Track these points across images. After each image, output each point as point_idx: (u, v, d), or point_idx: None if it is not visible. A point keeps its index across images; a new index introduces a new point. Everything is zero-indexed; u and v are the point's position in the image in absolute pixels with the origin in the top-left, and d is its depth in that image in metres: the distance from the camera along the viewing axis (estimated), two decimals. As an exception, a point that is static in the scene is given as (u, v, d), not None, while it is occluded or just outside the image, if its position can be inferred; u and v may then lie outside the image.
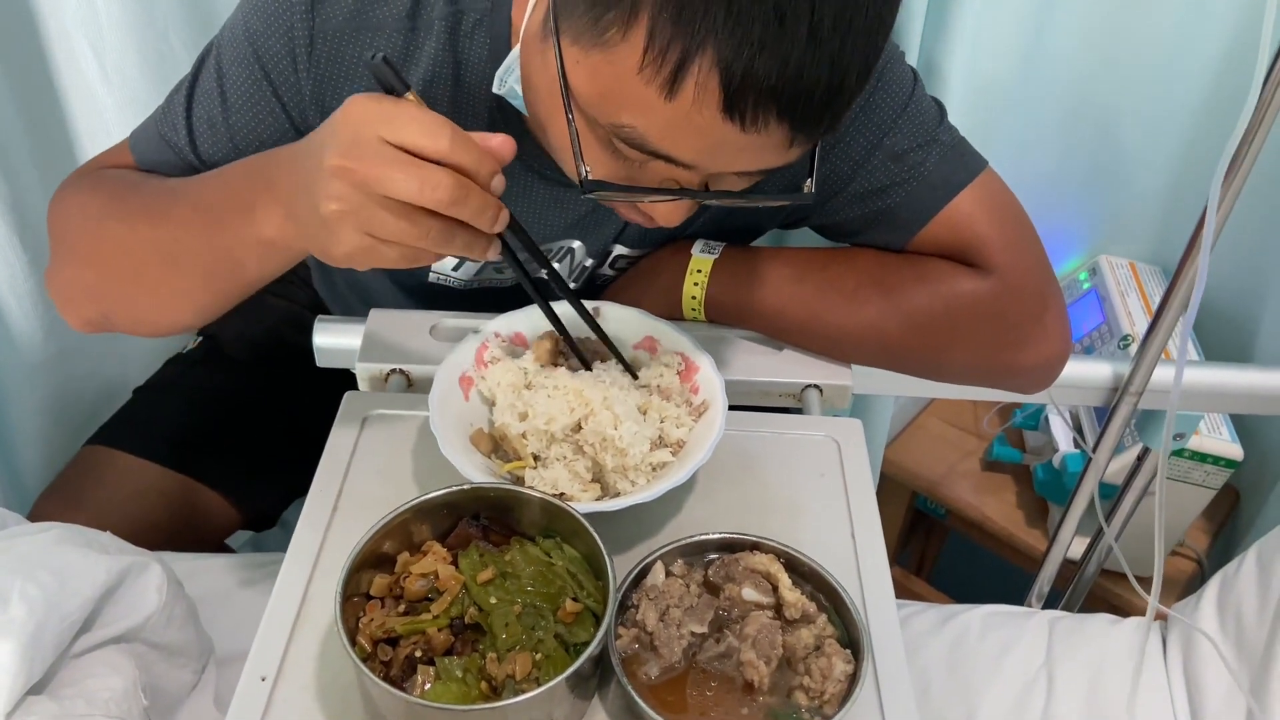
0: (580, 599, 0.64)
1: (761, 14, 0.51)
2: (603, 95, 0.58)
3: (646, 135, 0.58)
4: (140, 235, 0.75)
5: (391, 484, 0.75)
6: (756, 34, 0.51)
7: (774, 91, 0.53)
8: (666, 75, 0.54)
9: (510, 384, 0.76)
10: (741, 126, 0.55)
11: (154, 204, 0.76)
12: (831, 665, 0.63)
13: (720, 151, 0.59)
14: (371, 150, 0.56)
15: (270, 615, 0.67)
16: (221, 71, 0.77)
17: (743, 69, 0.52)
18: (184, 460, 1.08)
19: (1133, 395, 0.94)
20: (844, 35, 0.53)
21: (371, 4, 0.73)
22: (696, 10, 0.51)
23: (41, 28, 1.01)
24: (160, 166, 0.82)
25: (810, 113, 0.56)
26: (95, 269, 0.79)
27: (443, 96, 0.77)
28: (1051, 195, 1.33)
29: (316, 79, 0.75)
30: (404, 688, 0.59)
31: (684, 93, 0.54)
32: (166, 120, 0.80)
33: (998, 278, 0.81)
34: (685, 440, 0.75)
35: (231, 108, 0.77)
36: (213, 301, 0.76)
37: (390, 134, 0.56)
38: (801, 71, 0.53)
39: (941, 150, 0.80)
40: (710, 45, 0.52)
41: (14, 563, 0.75)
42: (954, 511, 1.45)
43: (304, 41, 0.73)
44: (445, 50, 0.75)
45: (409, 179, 0.56)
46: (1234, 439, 1.17)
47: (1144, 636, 1.01)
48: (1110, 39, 1.17)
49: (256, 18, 0.74)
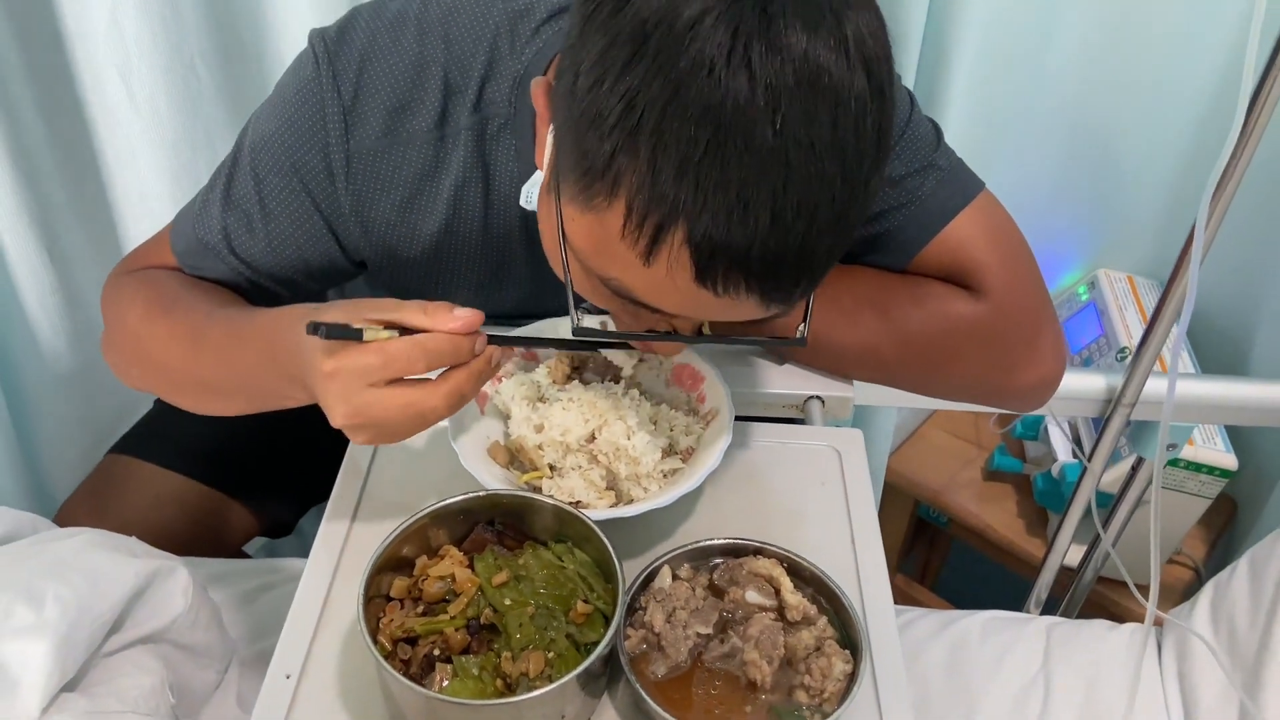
0: (591, 600, 0.66)
1: (725, 201, 0.53)
2: (594, 250, 0.61)
3: (633, 290, 0.61)
4: (178, 360, 0.80)
5: (409, 491, 0.78)
6: (722, 219, 0.54)
7: (742, 267, 0.56)
8: (644, 245, 0.56)
9: (524, 397, 0.79)
10: (715, 294, 0.58)
11: (188, 334, 0.79)
12: (831, 665, 0.66)
13: (700, 309, 0.62)
14: (366, 403, 0.64)
15: (294, 616, 0.70)
16: (259, 179, 0.80)
17: (710, 247, 0.55)
18: (203, 469, 1.11)
19: (1125, 406, 0.96)
20: (808, 221, 0.55)
21: (402, 118, 0.77)
22: (668, 191, 0.54)
23: (71, 56, 1.05)
24: (200, 267, 0.85)
25: (780, 285, 0.58)
26: (139, 370, 0.85)
27: (475, 199, 0.80)
28: (1052, 210, 1.36)
29: (355, 194, 0.79)
30: (423, 685, 0.61)
31: (660, 261, 0.57)
32: (203, 222, 0.83)
33: (992, 301, 0.83)
34: (694, 447, 0.78)
35: (271, 215, 0.80)
36: (254, 410, 0.81)
37: (372, 380, 0.63)
38: (766, 253, 0.55)
39: (938, 175, 0.83)
40: (681, 223, 0.55)
41: (47, 566, 0.79)
42: (955, 520, 1.47)
43: (341, 160, 0.77)
44: (473, 155, 0.78)
45: (408, 414, 0.65)
46: (1229, 449, 1.20)
47: (1140, 641, 1.04)
48: (1108, 60, 1.20)
49: (291, 132, 0.77)
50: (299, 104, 0.77)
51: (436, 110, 0.77)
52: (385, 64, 0.76)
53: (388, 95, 0.76)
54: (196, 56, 1.09)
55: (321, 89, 0.76)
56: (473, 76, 0.76)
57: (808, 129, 0.53)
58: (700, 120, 0.52)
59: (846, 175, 0.55)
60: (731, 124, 0.52)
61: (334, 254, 0.83)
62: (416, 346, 0.63)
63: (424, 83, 0.76)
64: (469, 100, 0.77)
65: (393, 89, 0.76)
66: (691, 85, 0.52)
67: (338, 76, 0.76)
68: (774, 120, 0.52)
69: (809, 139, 0.53)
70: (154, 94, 1.09)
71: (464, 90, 0.77)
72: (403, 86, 0.76)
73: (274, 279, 0.85)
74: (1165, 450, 0.96)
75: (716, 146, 0.52)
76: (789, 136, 0.52)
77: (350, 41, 0.77)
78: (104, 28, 1.04)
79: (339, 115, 0.76)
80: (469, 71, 0.76)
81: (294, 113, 0.77)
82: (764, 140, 0.52)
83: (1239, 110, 0.76)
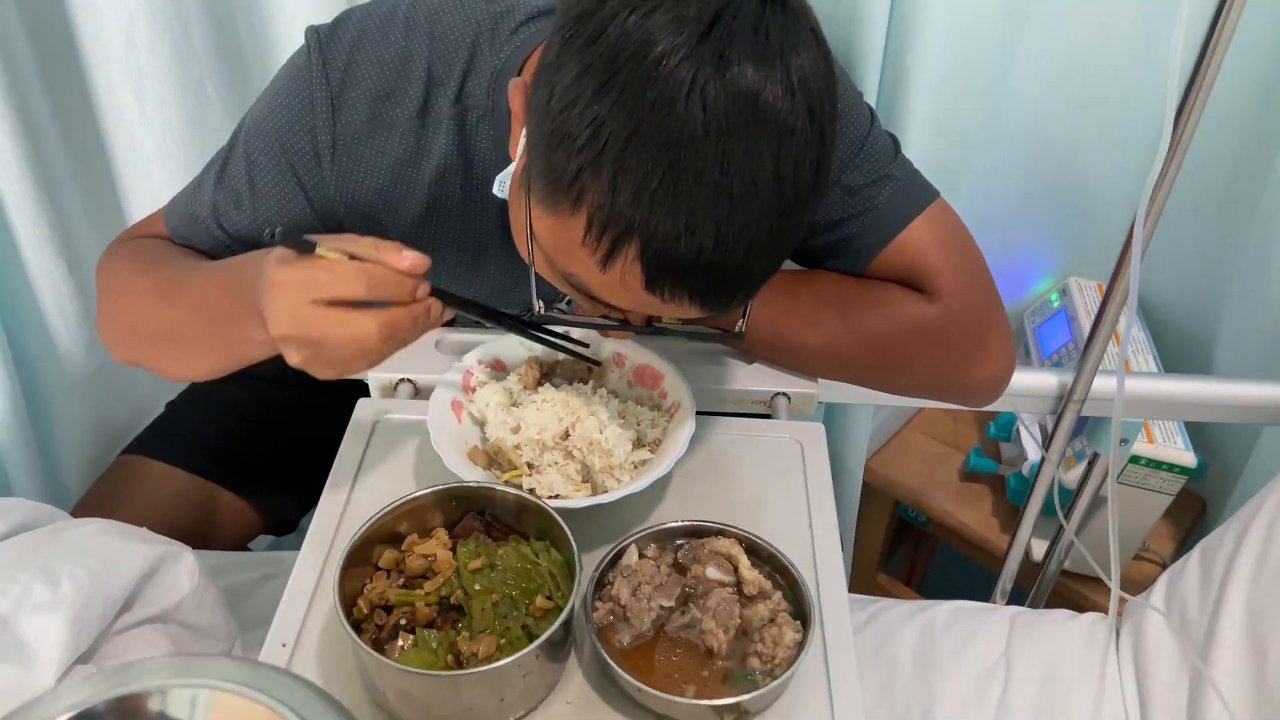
0: (554, 599, 0.70)
1: (675, 227, 0.61)
2: (556, 249, 0.68)
3: (590, 287, 0.68)
4: (157, 313, 0.86)
5: (397, 479, 0.85)
6: (671, 240, 0.61)
7: (686, 282, 0.64)
8: (601, 255, 0.63)
9: (499, 403, 0.84)
10: (661, 300, 0.65)
11: (167, 286, 0.86)
12: (782, 633, 0.71)
13: (648, 309, 0.69)
14: (304, 316, 0.68)
15: (290, 591, 0.76)
16: (250, 160, 0.86)
17: (659, 263, 0.63)
18: (210, 468, 1.16)
19: (1076, 403, 1.02)
20: (746, 246, 0.62)
21: (386, 105, 0.83)
22: (626, 212, 0.61)
23: (89, 77, 1.12)
24: (189, 237, 0.92)
25: (719, 297, 0.66)
26: (124, 329, 0.91)
27: (455, 184, 0.87)
28: (1022, 222, 1.41)
29: (340, 175, 0.85)
30: (385, 649, 0.67)
31: (615, 269, 0.64)
32: (196, 199, 0.91)
33: (944, 303, 0.88)
34: (661, 439, 0.84)
35: (258, 193, 0.87)
36: (220, 367, 0.87)
37: (315, 295, 0.68)
38: (708, 271, 0.63)
39: (894, 185, 0.88)
40: (636, 240, 0.62)
41: (63, 550, 0.84)
42: (934, 519, 1.52)
43: (327, 143, 0.83)
44: (454, 144, 0.85)
45: (343, 334, 0.68)
46: (1188, 447, 1.25)
47: (1099, 629, 1.09)
48: (1069, 79, 1.25)
49: (282, 115, 0.84)
50: (290, 90, 0.84)
51: (419, 100, 0.83)
52: (373, 55, 0.83)
53: (373, 84, 0.82)
54: (205, 77, 1.15)
55: (311, 76, 0.82)
56: (454, 70, 0.83)
57: (751, 167, 0.60)
58: (658, 155, 0.59)
59: (783, 207, 0.63)
60: (684, 160, 0.59)
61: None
62: (361, 271, 0.68)
63: (408, 74, 0.83)
64: (450, 92, 0.83)
65: (378, 78, 0.82)
66: (652, 121, 0.59)
67: (327, 65, 0.82)
68: (722, 159, 0.59)
69: (751, 176, 0.60)
70: (165, 111, 1.15)
71: (446, 83, 0.83)
72: (388, 76, 0.83)
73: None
74: (1119, 444, 1.02)
75: (670, 179, 0.60)
76: (734, 174, 0.60)
77: (341, 34, 0.84)
78: (120, 51, 1.10)
79: (326, 100, 0.82)
80: (451, 66, 0.83)
81: (285, 99, 0.84)
82: (712, 176, 0.60)
83: (1168, 119, 0.82)
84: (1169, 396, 1.04)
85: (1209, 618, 0.99)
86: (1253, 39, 1.20)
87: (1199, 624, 1.01)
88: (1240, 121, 1.28)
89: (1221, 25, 0.82)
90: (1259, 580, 0.97)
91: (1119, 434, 1.01)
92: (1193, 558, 1.07)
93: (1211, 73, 0.85)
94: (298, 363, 0.71)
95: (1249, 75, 1.24)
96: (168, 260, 0.90)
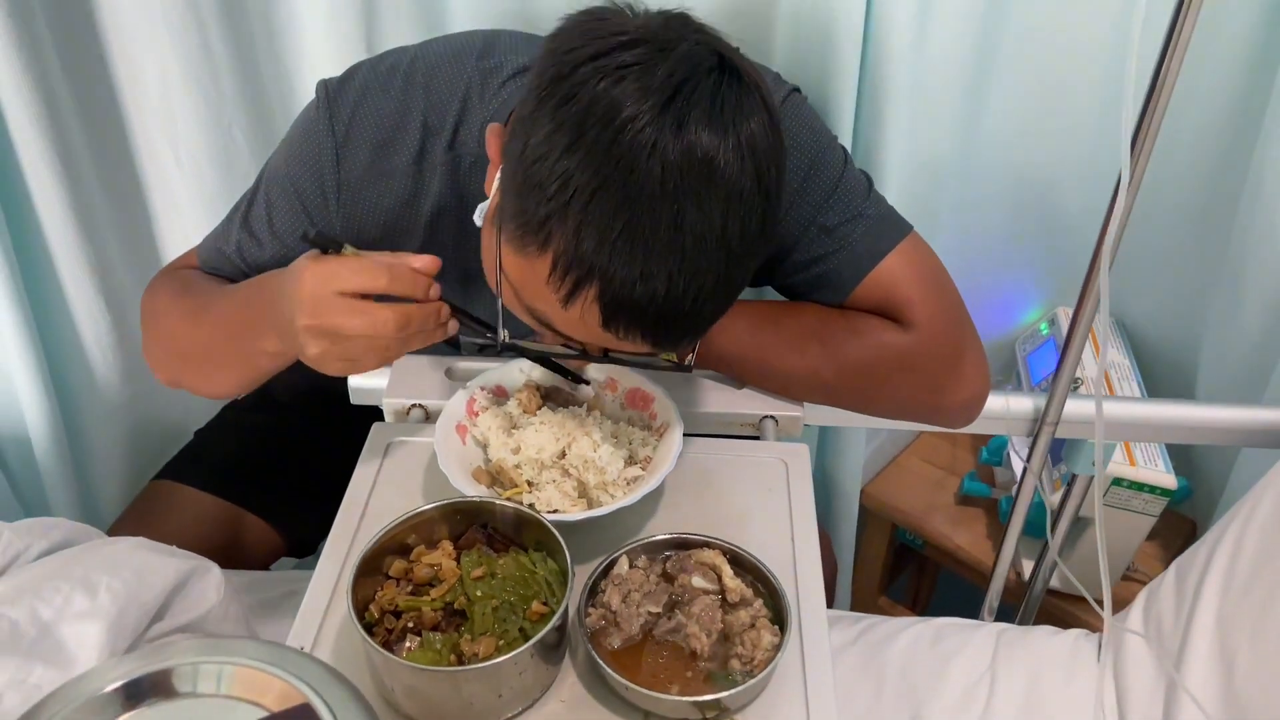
0: (550, 604, 0.76)
1: (631, 274, 0.68)
2: (523, 285, 0.75)
3: (551, 321, 0.76)
4: (188, 333, 0.96)
5: (407, 496, 0.91)
6: (628, 286, 0.69)
7: (640, 323, 0.72)
8: (564, 294, 0.71)
9: (500, 427, 0.91)
10: (617, 338, 0.73)
11: (196, 309, 0.96)
12: (760, 637, 0.77)
13: (604, 344, 0.77)
14: (328, 305, 0.76)
15: (309, 597, 0.82)
16: (270, 203, 0.96)
17: (616, 305, 0.70)
18: (236, 492, 1.22)
19: (1050, 425, 1.07)
20: (695, 293, 0.70)
21: (384, 155, 0.91)
22: (587, 258, 0.69)
23: (128, 127, 1.21)
24: (218, 268, 1.02)
25: (669, 337, 0.74)
26: (163, 351, 1.01)
27: (449, 223, 0.95)
28: (1007, 254, 1.47)
29: (345, 216, 0.94)
30: (395, 650, 0.73)
31: (575, 308, 0.72)
32: (224, 237, 1.00)
33: (918, 331, 0.94)
34: (651, 456, 0.90)
35: (277, 234, 0.96)
36: (245, 382, 0.97)
37: (340, 287, 0.76)
38: (659, 314, 0.71)
39: (867, 223, 0.94)
40: (595, 283, 0.70)
41: (101, 562, 0.91)
42: (930, 543, 1.57)
43: (333, 188, 0.92)
44: (449, 187, 0.93)
45: (362, 323, 0.75)
46: (1169, 469, 1.29)
47: (1081, 645, 1.13)
48: (1041, 114, 1.30)
49: (296, 164, 0.93)
50: (302, 140, 0.93)
51: (415, 148, 0.91)
52: (374, 108, 0.91)
53: (374, 134, 0.91)
54: (234, 125, 1.23)
55: (320, 127, 0.91)
56: (448, 120, 0.91)
57: (702, 224, 0.68)
58: (619, 208, 0.67)
59: (730, 259, 0.71)
60: (643, 214, 0.67)
61: None
62: (382, 265, 0.76)
63: (406, 125, 0.91)
64: (444, 140, 0.91)
65: (379, 129, 0.91)
66: (616, 177, 0.67)
67: (334, 117, 0.91)
68: (676, 215, 0.67)
69: (701, 232, 0.68)
70: (197, 156, 1.24)
71: (440, 132, 0.91)
72: (387, 127, 0.91)
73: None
74: (1100, 464, 1.06)
75: (629, 230, 0.67)
76: (687, 230, 0.68)
77: (347, 88, 0.92)
78: (156, 101, 1.19)
79: (332, 150, 0.91)
80: (445, 116, 0.91)
81: (298, 148, 0.93)
82: (666, 232, 0.68)
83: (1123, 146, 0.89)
84: (1140, 419, 1.09)
85: (1183, 630, 1.04)
86: (1225, 70, 1.26)
87: (1173, 636, 1.05)
88: (1213, 155, 1.33)
89: (1172, 51, 0.88)
90: (1228, 593, 1.01)
91: (1101, 456, 1.06)
92: (1169, 574, 1.11)
93: (1164, 98, 0.91)
94: (314, 356, 0.78)
95: (1220, 107, 1.29)
96: (198, 286, 0.99)
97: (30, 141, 1.09)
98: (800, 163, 0.92)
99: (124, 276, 1.26)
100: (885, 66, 1.10)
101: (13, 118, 1.07)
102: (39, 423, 1.23)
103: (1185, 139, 1.30)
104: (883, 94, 1.12)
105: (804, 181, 0.93)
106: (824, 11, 1.09)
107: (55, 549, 0.92)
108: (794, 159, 0.92)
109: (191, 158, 1.23)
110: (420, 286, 0.78)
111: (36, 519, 0.94)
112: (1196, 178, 1.35)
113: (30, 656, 0.78)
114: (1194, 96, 1.27)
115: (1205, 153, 1.34)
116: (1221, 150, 1.32)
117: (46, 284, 1.20)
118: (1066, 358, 1.04)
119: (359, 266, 0.76)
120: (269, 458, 1.28)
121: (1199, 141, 1.32)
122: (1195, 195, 1.36)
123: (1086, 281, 1.01)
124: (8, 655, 0.77)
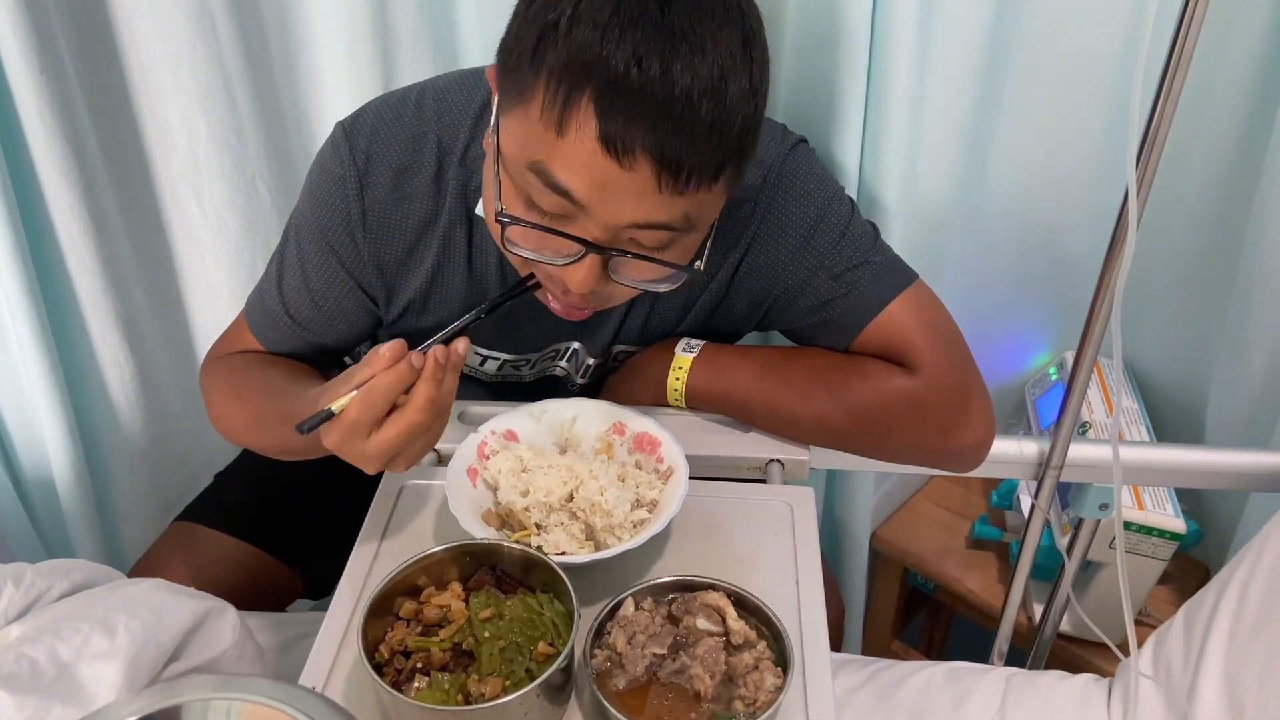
0: (556, 645, 0.77)
1: (624, 58, 0.69)
2: (519, 145, 0.76)
3: (549, 169, 0.75)
4: (249, 438, 1.02)
5: (418, 538, 0.93)
6: (620, 71, 0.70)
7: (637, 114, 0.71)
8: (556, 116, 0.72)
9: (510, 469, 0.92)
10: (618, 161, 0.72)
11: (256, 419, 0.99)
12: (763, 679, 0.78)
13: (606, 191, 0.74)
14: (375, 446, 0.78)
15: (321, 638, 0.84)
16: (301, 250, 0.98)
17: (612, 101, 0.71)
18: (255, 534, 1.25)
19: (1054, 469, 1.08)
20: (690, 76, 0.71)
21: (405, 177, 0.94)
22: (577, 70, 0.70)
23: (155, 179, 1.25)
24: (268, 331, 1.04)
25: (673, 143, 0.72)
26: (226, 436, 1.05)
27: (460, 236, 0.97)
28: (1015, 300, 1.48)
29: (371, 242, 0.96)
30: (404, 689, 0.74)
31: (569, 130, 0.72)
32: (267, 294, 1.03)
33: (924, 376, 0.96)
34: (658, 499, 0.92)
35: (310, 276, 0.99)
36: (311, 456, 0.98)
37: (359, 450, 0.78)
38: (656, 99, 0.70)
39: (874, 269, 0.96)
40: (588, 93, 0.71)
41: (120, 603, 0.93)
42: (942, 587, 1.57)
43: (358, 216, 0.94)
44: (459, 203, 0.95)
45: (412, 435, 0.78)
46: (1178, 514, 1.29)
47: (1093, 689, 1.13)
48: (1046, 161, 1.32)
49: (320, 206, 0.95)
50: (322, 179, 0.95)
51: (433, 169, 0.94)
52: (390, 135, 0.94)
53: (393, 159, 0.93)
54: (256, 175, 1.27)
55: (340, 160, 0.94)
56: (460, 139, 0.94)
57: (692, 13, 0.71)
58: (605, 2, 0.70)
59: (725, 55, 0.72)
60: (630, 4, 0.70)
61: (364, 301, 1.01)
62: (369, 392, 0.77)
63: (422, 148, 0.94)
64: (457, 157, 0.94)
65: (397, 154, 0.93)
66: None
67: (352, 149, 0.93)
68: (663, 2, 0.70)
69: (690, 23, 0.71)
70: (220, 206, 1.27)
71: (453, 150, 0.94)
72: (405, 152, 0.93)
73: (324, 332, 1.03)
74: (1099, 509, 1.07)
75: (617, 19, 0.70)
76: (676, 10, 0.71)
77: (362, 120, 0.95)
78: (182, 152, 1.23)
79: (355, 178, 0.93)
80: (457, 135, 0.94)
81: (319, 188, 0.95)
82: (655, 15, 0.70)
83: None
84: (1148, 463, 1.10)
85: (1191, 675, 1.04)
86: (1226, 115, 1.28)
87: (1182, 682, 1.05)
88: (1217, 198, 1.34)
89: (1166, 92, 0.90)
90: (1236, 637, 1.01)
91: (1120, 499, 1.06)
92: (1178, 618, 1.11)
93: (1161, 135, 0.93)
94: (403, 469, 0.82)
95: (1223, 151, 1.31)
96: (253, 384, 1.02)
97: (61, 195, 1.13)
98: (808, 211, 0.95)
99: (147, 323, 1.29)
100: (887, 117, 1.13)
101: (44, 170, 1.11)
102: (63, 465, 1.25)
103: (1189, 184, 1.32)
104: (884, 147, 1.14)
105: (812, 229, 0.95)
106: (828, 63, 1.12)
107: (76, 590, 0.94)
108: (802, 208, 0.95)
109: (215, 208, 1.27)
110: (403, 376, 0.77)
111: (58, 560, 0.95)
112: (1200, 220, 1.36)
113: (49, 695, 0.79)
114: (1196, 141, 1.28)
115: (1209, 195, 1.35)
116: (1225, 193, 1.34)
117: (73, 330, 1.23)
118: (1069, 401, 1.06)
119: (358, 412, 0.77)
120: (288, 501, 1.30)
121: (1202, 185, 1.33)
122: (1199, 238, 1.38)
123: (1087, 326, 1.02)
124: (27, 694, 0.78)
